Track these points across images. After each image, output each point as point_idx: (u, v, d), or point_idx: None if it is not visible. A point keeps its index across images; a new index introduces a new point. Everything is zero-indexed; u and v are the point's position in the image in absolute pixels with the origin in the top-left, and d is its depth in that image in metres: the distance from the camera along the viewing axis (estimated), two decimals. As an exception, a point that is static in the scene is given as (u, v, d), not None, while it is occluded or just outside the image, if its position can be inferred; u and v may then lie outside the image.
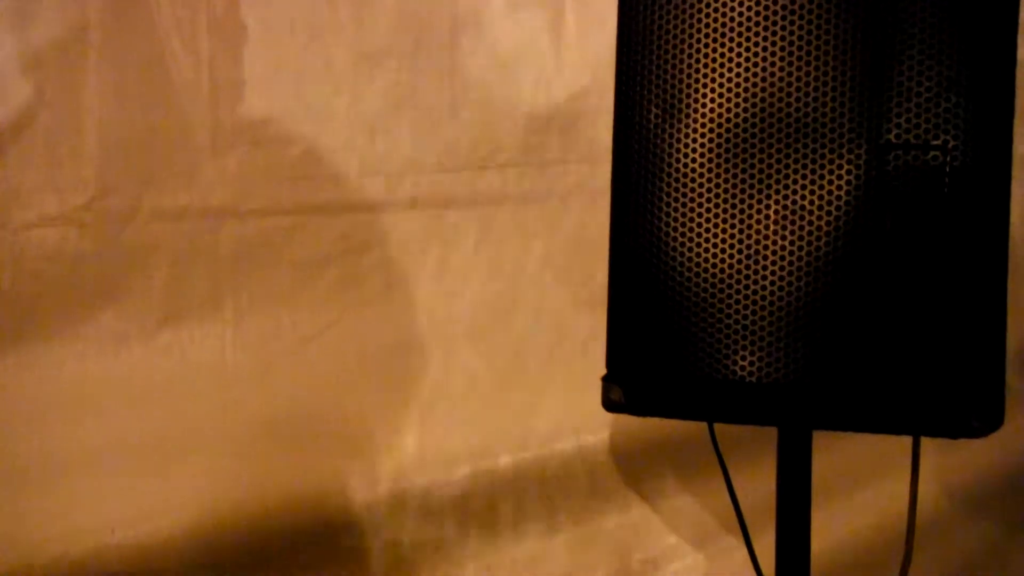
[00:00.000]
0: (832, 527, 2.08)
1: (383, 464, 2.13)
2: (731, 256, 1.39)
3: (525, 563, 2.22)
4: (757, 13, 1.37)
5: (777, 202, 1.37)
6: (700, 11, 1.39)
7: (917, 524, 1.51)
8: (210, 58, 1.96)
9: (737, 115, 1.38)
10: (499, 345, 2.19)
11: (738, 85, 1.38)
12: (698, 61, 1.40)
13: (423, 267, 2.13)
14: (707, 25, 1.39)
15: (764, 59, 1.37)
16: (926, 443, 1.46)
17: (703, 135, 1.39)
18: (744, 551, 1.64)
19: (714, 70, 1.39)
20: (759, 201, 1.37)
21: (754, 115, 1.37)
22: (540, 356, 2.23)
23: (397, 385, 2.14)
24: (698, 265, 1.40)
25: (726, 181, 1.39)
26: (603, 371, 1.49)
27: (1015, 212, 1.40)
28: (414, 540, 2.16)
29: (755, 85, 1.37)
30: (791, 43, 1.36)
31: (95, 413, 1.90)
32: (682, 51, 1.40)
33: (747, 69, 1.37)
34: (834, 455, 1.88)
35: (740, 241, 1.38)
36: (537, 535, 2.23)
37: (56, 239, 1.86)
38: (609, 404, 1.49)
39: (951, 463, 2.21)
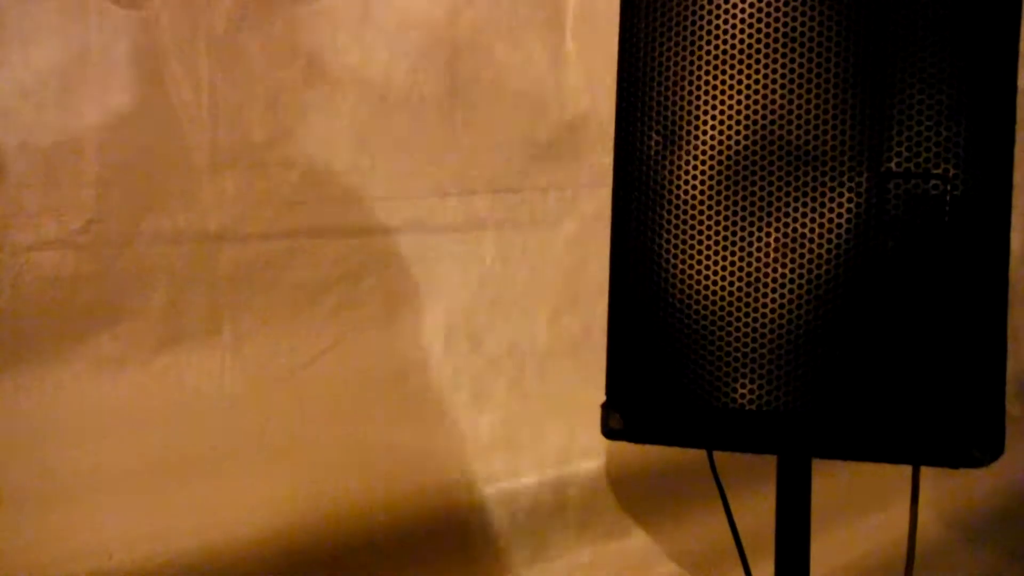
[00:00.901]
0: (831, 555, 2.07)
1: (380, 491, 2.12)
2: (731, 283, 1.38)
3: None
4: (758, 41, 1.37)
5: (778, 230, 1.36)
6: (701, 38, 1.39)
7: (916, 552, 1.50)
8: (210, 80, 1.96)
9: (738, 142, 1.38)
10: (496, 371, 2.19)
11: (739, 112, 1.38)
12: (699, 88, 1.40)
13: (422, 291, 2.13)
14: (708, 52, 1.39)
15: (765, 87, 1.37)
16: (925, 471, 1.46)
17: (704, 162, 1.39)
18: (743, 579, 1.64)
19: (715, 97, 1.39)
20: (759, 229, 1.37)
21: (755, 143, 1.37)
22: (536, 382, 2.22)
23: (396, 410, 2.13)
24: (698, 292, 1.40)
25: (726, 208, 1.38)
26: (601, 398, 1.48)
27: (1015, 240, 1.40)
28: (412, 567, 2.15)
29: (756, 113, 1.37)
30: (792, 71, 1.36)
31: (92, 436, 1.89)
32: (683, 78, 1.40)
33: (748, 96, 1.37)
34: (834, 482, 1.88)
35: (740, 268, 1.38)
36: (534, 563, 2.23)
37: (54, 262, 1.85)
38: (608, 431, 1.49)
39: (950, 491, 2.21)
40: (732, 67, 1.38)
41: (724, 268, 1.38)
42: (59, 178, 1.86)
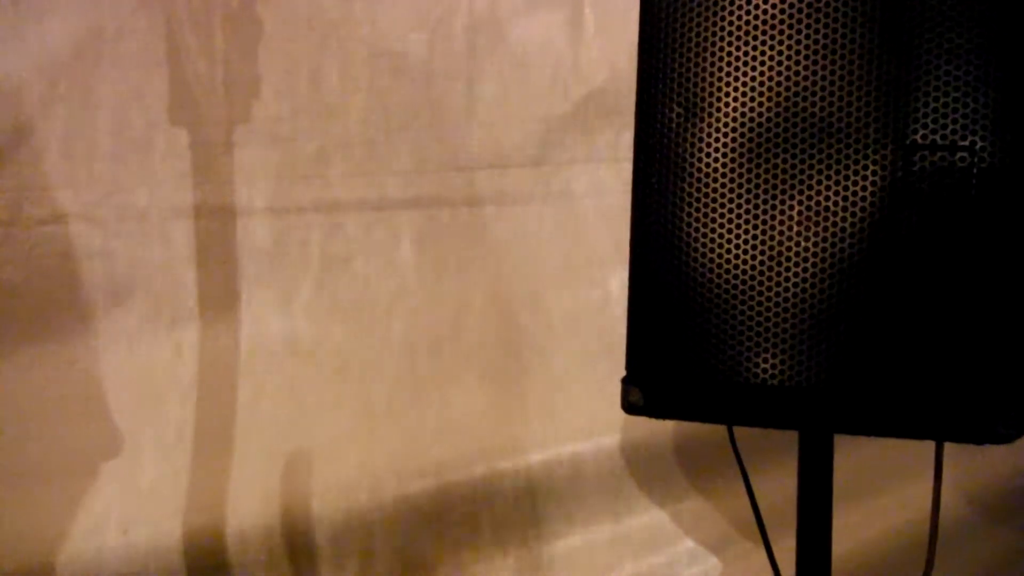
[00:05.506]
0: (853, 531, 2.06)
1: (393, 464, 2.12)
2: (753, 257, 1.37)
3: (541, 566, 2.21)
4: (782, 11, 1.35)
5: (801, 203, 1.35)
6: (724, 8, 1.38)
7: (939, 529, 1.49)
8: (225, 54, 1.95)
9: (761, 114, 1.36)
10: (513, 345, 2.19)
11: (762, 84, 1.36)
12: (721, 59, 1.38)
13: (439, 266, 2.12)
14: (731, 23, 1.37)
15: (789, 57, 1.35)
16: (948, 447, 1.45)
17: (726, 135, 1.38)
18: (763, 555, 1.63)
19: (738, 68, 1.37)
20: (782, 202, 1.36)
21: (778, 114, 1.35)
22: (555, 357, 2.22)
23: (414, 385, 2.13)
24: (720, 266, 1.38)
25: (749, 181, 1.37)
26: (622, 373, 1.48)
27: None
28: (422, 541, 2.15)
29: (779, 84, 1.35)
30: (816, 41, 1.34)
31: (107, 411, 1.90)
32: (705, 49, 1.39)
33: (771, 68, 1.36)
34: (856, 458, 1.87)
35: (763, 242, 1.36)
36: (552, 537, 2.22)
37: (69, 236, 1.85)
38: (628, 406, 1.48)
39: (973, 467, 2.20)
40: (755, 38, 1.36)
41: (746, 242, 1.37)
42: (74, 152, 1.86)
